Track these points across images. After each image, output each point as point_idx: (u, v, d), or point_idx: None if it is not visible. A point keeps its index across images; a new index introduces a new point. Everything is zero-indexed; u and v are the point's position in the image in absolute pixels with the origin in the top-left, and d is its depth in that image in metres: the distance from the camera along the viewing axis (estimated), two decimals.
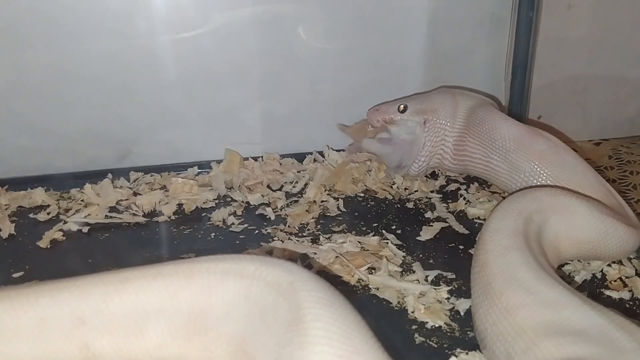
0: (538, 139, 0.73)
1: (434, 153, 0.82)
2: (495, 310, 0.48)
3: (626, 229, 0.62)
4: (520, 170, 0.72)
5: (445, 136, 0.81)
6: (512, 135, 0.74)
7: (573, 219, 0.60)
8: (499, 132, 0.75)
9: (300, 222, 0.74)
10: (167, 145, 0.88)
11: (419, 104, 0.82)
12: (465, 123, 0.79)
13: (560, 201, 0.60)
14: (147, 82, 0.84)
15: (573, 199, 0.61)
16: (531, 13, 0.90)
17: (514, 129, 0.74)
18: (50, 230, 0.72)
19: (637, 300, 0.59)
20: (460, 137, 0.80)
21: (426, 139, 0.81)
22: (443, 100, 0.82)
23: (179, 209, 0.78)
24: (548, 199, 0.60)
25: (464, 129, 0.79)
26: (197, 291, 0.42)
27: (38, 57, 0.80)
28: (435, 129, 0.81)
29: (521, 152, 0.72)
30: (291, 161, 0.90)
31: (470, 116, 0.79)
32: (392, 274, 0.62)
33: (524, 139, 0.73)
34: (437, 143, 0.81)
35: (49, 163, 0.85)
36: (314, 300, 0.38)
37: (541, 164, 0.71)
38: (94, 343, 0.41)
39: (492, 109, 0.79)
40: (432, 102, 0.82)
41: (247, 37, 0.85)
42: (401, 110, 0.81)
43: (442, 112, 0.81)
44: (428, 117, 0.81)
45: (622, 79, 1.02)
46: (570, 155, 0.72)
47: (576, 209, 0.60)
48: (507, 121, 0.75)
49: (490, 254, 0.52)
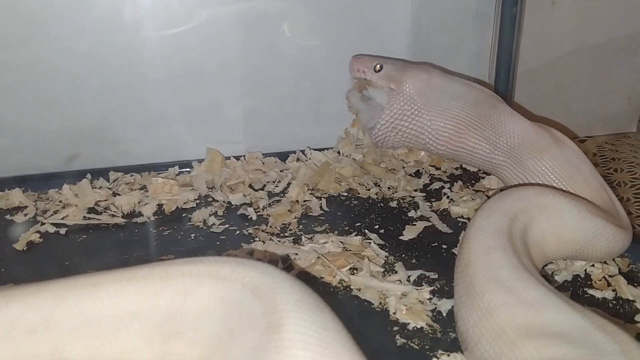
0: (543, 135, 0.72)
1: (393, 126, 0.80)
2: (476, 311, 0.48)
3: (615, 230, 0.61)
4: (524, 165, 0.71)
5: (405, 112, 0.79)
6: (519, 132, 0.73)
7: (560, 218, 0.59)
8: (506, 128, 0.74)
9: (282, 222, 0.73)
10: (148, 144, 0.87)
11: (394, 70, 0.80)
12: (444, 108, 0.77)
13: (548, 200, 0.59)
14: (128, 80, 0.83)
15: (561, 198, 0.60)
16: (515, 9, 0.89)
17: (520, 125, 0.73)
18: (26, 232, 0.70)
19: (620, 300, 0.58)
20: (437, 119, 0.77)
21: (386, 109, 0.80)
22: (416, 76, 0.79)
23: (159, 210, 0.77)
24: (535, 197, 0.59)
25: (443, 114, 0.77)
26: (172, 294, 0.41)
27: (17, 55, 0.79)
28: (397, 102, 0.79)
29: (526, 148, 0.72)
30: (274, 160, 0.89)
31: (457, 104, 0.77)
32: (374, 275, 0.62)
33: (530, 136, 0.72)
34: (397, 117, 0.79)
35: (27, 163, 0.83)
36: (291, 304, 0.37)
37: (543, 158, 0.70)
38: (66, 348, 0.40)
39: (497, 104, 0.77)
40: (404, 74, 0.79)
41: (230, 34, 0.84)
42: (376, 70, 0.80)
43: (407, 88, 0.78)
44: (393, 87, 0.79)
45: (607, 76, 1.02)
46: (568, 148, 0.71)
47: (564, 209, 0.59)
48: (514, 117, 0.74)
49: (474, 254, 0.52)
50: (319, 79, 0.90)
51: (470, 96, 0.78)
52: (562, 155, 0.70)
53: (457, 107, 0.77)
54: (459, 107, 0.77)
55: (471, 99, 0.77)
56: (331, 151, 0.90)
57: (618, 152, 0.97)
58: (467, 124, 0.76)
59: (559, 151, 0.70)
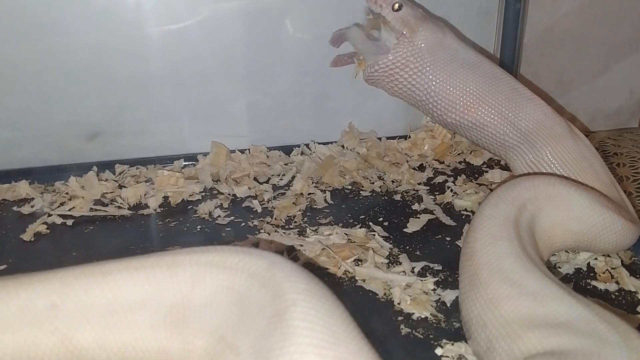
0: (561, 124, 0.72)
1: (390, 73, 0.76)
2: (480, 301, 0.48)
3: (625, 224, 0.61)
4: (538, 151, 0.71)
5: (409, 64, 0.75)
6: (539, 117, 0.72)
7: (570, 209, 0.59)
8: (526, 111, 0.72)
9: (286, 215, 0.74)
10: (153, 137, 0.87)
11: (411, 16, 0.75)
12: (452, 73, 0.74)
13: (558, 190, 0.59)
14: (133, 75, 0.84)
15: (572, 188, 0.59)
16: (518, 4, 0.90)
17: (541, 110, 0.72)
18: (34, 224, 0.71)
19: (622, 291, 0.59)
20: (443, 83, 0.74)
21: (390, 53, 0.75)
22: (431, 31, 0.75)
23: (164, 202, 0.77)
24: (545, 187, 0.59)
25: (451, 79, 0.74)
26: (179, 283, 0.41)
27: (22, 49, 0.79)
28: (404, 50, 0.75)
29: (543, 134, 0.71)
30: (278, 154, 0.89)
31: (468, 73, 0.74)
32: (379, 266, 0.62)
33: (549, 122, 0.71)
34: (399, 66, 0.75)
35: (33, 156, 0.84)
36: (297, 292, 0.37)
37: (555, 147, 0.70)
38: (75, 335, 0.40)
39: (516, 85, 0.74)
40: (420, 24, 0.75)
41: (233, 29, 0.85)
42: (395, 9, 0.74)
43: (419, 39, 0.74)
44: (405, 34, 0.75)
45: (609, 71, 1.02)
46: (582, 142, 0.71)
47: (574, 199, 0.59)
48: (534, 100, 0.73)
49: (479, 243, 0.52)
50: (322, 74, 0.90)
51: (482, 68, 0.75)
52: (576, 147, 0.70)
53: (467, 77, 0.74)
54: (469, 77, 0.74)
55: (484, 72, 0.75)
56: (335, 145, 0.91)
57: (620, 147, 0.97)
58: (479, 98, 0.73)
59: (573, 143, 0.70)
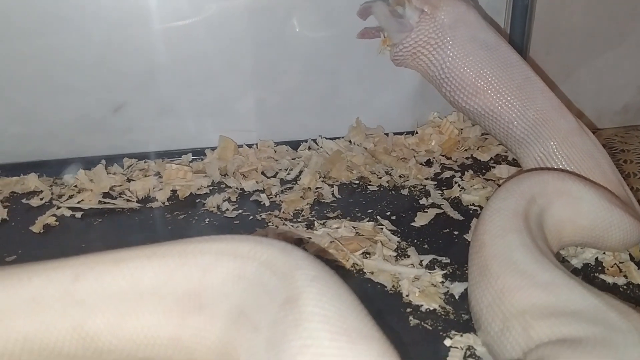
0: (570, 119, 0.71)
1: (414, 51, 0.76)
2: (491, 292, 0.48)
3: (632, 221, 0.61)
4: (544, 145, 0.70)
5: (431, 40, 0.74)
6: (548, 110, 0.71)
7: (579, 205, 0.59)
8: (535, 103, 0.71)
9: (294, 208, 0.74)
10: (161, 132, 0.88)
11: None
12: (468, 52, 0.73)
13: (568, 186, 0.59)
14: (141, 70, 0.84)
15: (581, 185, 0.60)
16: (526, 2, 0.90)
17: (550, 103, 0.72)
18: (43, 216, 0.71)
19: (631, 285, 0.59)
20: (457, 61, 0.73)
21: (414, 32, 0.75)
22: (453, 5, 0.74)
23: (173, 195, 0.77)
24: (554, 182, 0.59)
25: (466, 58, 0.73)
26: (191, 271, 0.42)
27: (30, 45, 0.79)
28: (426, 27, 0.74)
29: (547, 126, 0.71)
30: (286, 149, 0.89)
31: (484, 54, 0.73)
32: (387, 259, 0.62)
33: (558, 116, 0.71)
34: (421, 43, 0.75)
35: (42, 149, 0.84)
36: (309, 279, 0.38)
37: (562, 142, 0.69)
38: (88, 322, 0.41)
39: (530, 74, 0.73)
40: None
41: (240, 26, 0.85)
42: None
43: (441, 15, 0.74)
44: (426, 11, 0.74)
45: (617, 68, 1.02)
46: (590, 140, 0.71)
47: (583, 196, 0.59)
48: (545, 93, 0.72)
49: (489, 235, 0.52)
50: (328, 70, 0.91)
51: (500, 52, 0.74)
52: (583, 145, 0.70)
53: (482, 58, 0.73)
54: (485, 59, 0.73)
55: (501, 57, 0.73)
56: (342, 140, 0.91)
57: (627, 144, 0.97)
58: (490, 82, 0.72)
59: (581, 140, 0.70)
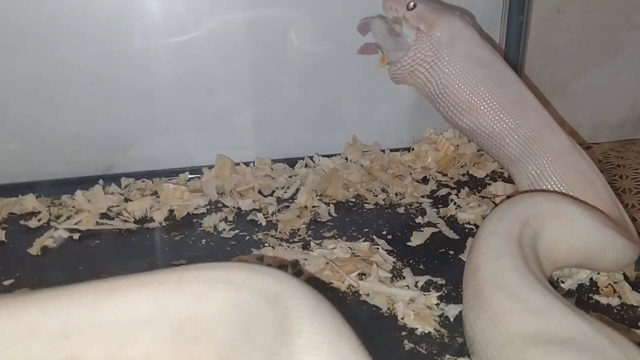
0: (563, 139, 0.71)
1: (412, 70, 0.76)
2: (484, 317, 0.48)
3: (625, 243, 0.61)
4: (533, 161, 0.70)
5: (427, 58, 0.74)
6: (537, 126, 0.71)
7: (572, 226, 0.59)
8: (527, 121, 0.71)
9: (291, 228, 0.74)
10: (158, 150, 0.88)
11: (427, 11, 0.75)
12: (463, 68, 0.73)
13: (562, 208, 0.59)
14: (138, 87, 0.84)
15: (575, 206, 0.60)
16: (521, 18, 0.90)
17: (540, 120, 0.72)
18: (40, 237, 0.72)
19: (624, 306, 0.59)
20: (451, 76, 0.73)
21: (411, 50, 0.75)
22: (449, 22, 0.74)
23: (170, 215, 0.78)
24: (548, 204, 0.59)
25: (460, 75, 0.73)
26: (186, 300, 0.42)
27: (28, 63, 0.80)
28: (423, 45, 0.75)
29: (539, 144, 0.70)
30: (282, 166, 0.90)
31: (478, 72, 0.73)
32: (383, 280, 0.63)
33: (546, 132, 0.71)
34: (418, 61, 0.75)
35: (39, 169, 0.85)
36: (302, 310, 0.38)
37: (555, 162, 0.70)
38: (84, 352, 0.41)
39: (524, 91, 0.73)
40: (437, 17, 0.74)
41: (238, 41, 0.85)
42: (409, 8, 0.75)
43: (437, 32, 0.74)
44: (422, 29, 0.74)
45: (612, 84, 1.03)
46: (583, 160, 0.71)
47: (576, 217, 0.59)
48: (537, 111, 0.72)
49: (483, 258, 0.52)
50: (326, 85, 0.91)
51: (495, 69, 0.74)
52: (576, 164, 0.70)
53: (477, 75, 0.73)
54: (479, 76, 0.73)
55: (495, 73, 0.73)
56: (339, 157, 0.91)
57: (623, 159, 0.98)
58: (483, 99, 0.72)
59: (574, 159, 0.70)
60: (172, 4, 0.81)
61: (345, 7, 0.87)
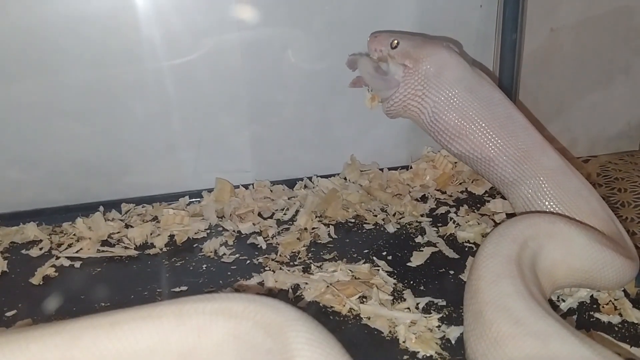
0: (550, 154, 0.71)
1: (404, 105, 0.77)
2: (485, 340, 0.49)
3: (623, 261, 0.61)
4: (525, 182, 0.71)
5: (417, 92, 0.75)
6: (527, 146, 0.71)
7: (570, 247, 0.59)
8: (517, 141, 0.72)
9: (291, 251, 0.74)
10: (158, 175, 0.89)
11: (411, 47, 0.76)
12: (451, 96, 0.73)
13: (559, 228, 0.59)
14: (136, 112, 0.85)
15: (572, 227, 0.60)
16: (515, 35, 0.91)
17: (530, 140, 0.72)
18: (42, 267, 0.72)
19: (625, 323, 0.59)
20: (440, 105, 0.74)
21: (401, 86, 0.76)
22: (435, 54, 0.75)
23: (170, 241, 0.78)
24: (546, 225, 0.59)
25: (449, 102, 0.73)
26: (186, 332, 0.42)
27: (26, 90, 0.80)
28: (411, 80, 0.75)
29: (529, 164, 0.71)
30: (282, 188, 0.90)
31: (466, 97, 0.73)
32: (383, 303, 0.63)
33: (536, 152, 0.71)
34: (409, 96, 0.76)
35: (40, 197, 0.85)
36: (302, 342, 0.38)
37: (547, 181, 0.70)
38: None
39: (513, 112, 0.74)
40: (421, 51, 0.75)
41: (235, 61, 0.86)
42: (393, 47, 0.76)
43: (424, 66, 0.74)
44: (408, 65, 0.75)
45: (607, 99, 1.03)
46: (576, 178, 0.71)
47: (574, 237, 0.60)
48: (526, 130, 0.73)
49: (483, 281, 0.52)
50: (323, 104, 0.92)
51: (482, 92, 0.74)
52: (570, 184, 0.70)
53: (465, 100, 0.73)
54: (467, 100, 0.73)
55: (483, 96, 0.74)
56: (337, 177, 0.92)
57: (621, 172, 0.98)
58: (473, 123, 0.73)
59: (566, 178, 0.70)
60: (169, 27, 0.82)
61: (342, 26, 0.87)
